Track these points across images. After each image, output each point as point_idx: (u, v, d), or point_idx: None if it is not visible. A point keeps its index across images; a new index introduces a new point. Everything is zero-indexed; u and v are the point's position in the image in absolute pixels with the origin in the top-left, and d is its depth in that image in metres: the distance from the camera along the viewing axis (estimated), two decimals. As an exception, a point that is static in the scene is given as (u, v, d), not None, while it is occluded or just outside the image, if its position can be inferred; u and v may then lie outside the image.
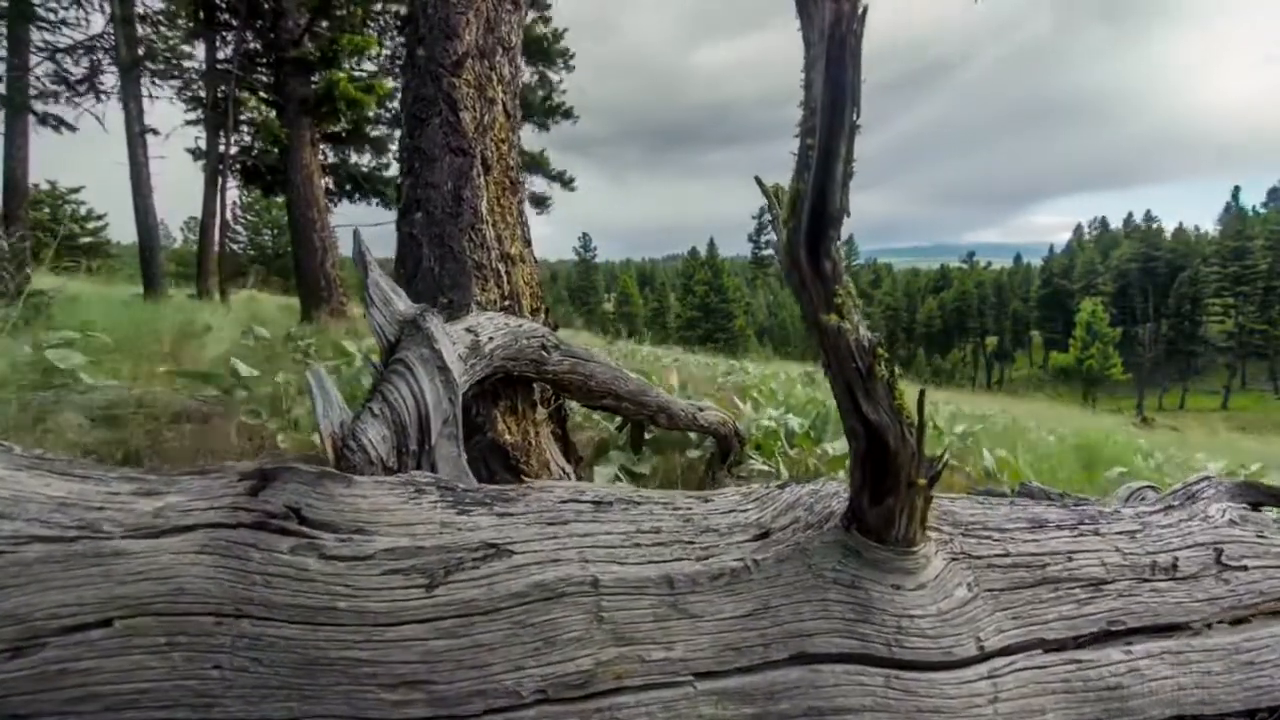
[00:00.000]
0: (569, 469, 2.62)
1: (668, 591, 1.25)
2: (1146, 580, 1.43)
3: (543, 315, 2.87)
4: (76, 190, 36.32)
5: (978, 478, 5.08)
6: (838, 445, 4.62)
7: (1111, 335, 64.61)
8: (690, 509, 1.52)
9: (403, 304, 1.74)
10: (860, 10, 0.81)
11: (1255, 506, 2.16)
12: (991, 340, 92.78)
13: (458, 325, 1.91)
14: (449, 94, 2.58)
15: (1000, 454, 5.17)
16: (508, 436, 2.31)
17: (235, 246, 45.31)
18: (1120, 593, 1.40)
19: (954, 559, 1.37)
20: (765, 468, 3.95)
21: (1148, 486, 2.38)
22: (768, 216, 1.10)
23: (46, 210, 35.55)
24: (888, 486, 1.19)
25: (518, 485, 1.55)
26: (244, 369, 4.29)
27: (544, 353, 2.23)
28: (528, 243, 2.79)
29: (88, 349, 5.27)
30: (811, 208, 0.99)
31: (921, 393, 1.15)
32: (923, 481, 1.18)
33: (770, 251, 79.95)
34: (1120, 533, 1.52)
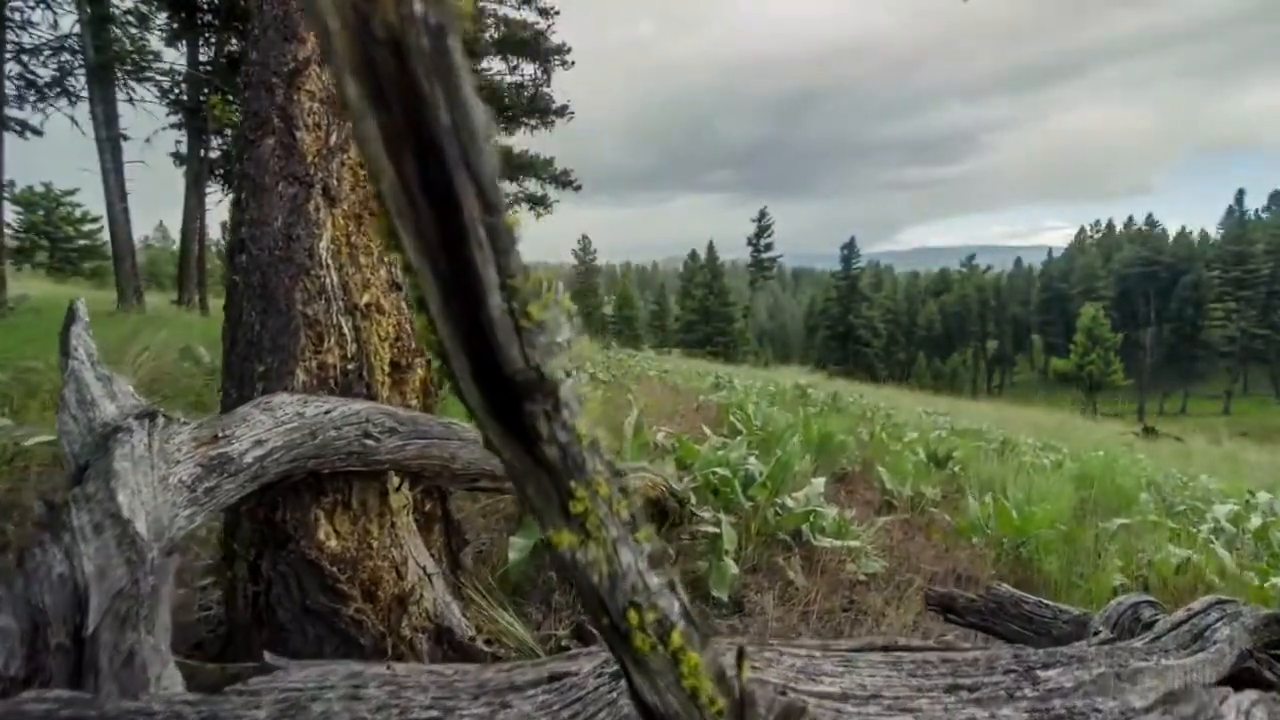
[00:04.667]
0: (436, 570, 2.13)
1: None
2: None
3: (419, 370, 2.39)
4: (71, 193, 35.91)
5: (960, 529, 4.60)
6: (799, 495, 4.14)
7: (1113, 340, 63.86)
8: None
9: (112, 407, 1.27)
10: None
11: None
12: (992, 344, 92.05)
13: (208, 429, 1.43)
14: (284, 109, 2.10)
15: (986, 501, 4.68)
16: (331, 544, 1.82)
17: (231, 250, 44.87)
18: None
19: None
20: (712, 529, 3.47)
21: (1145, 602, 1.89)
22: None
23: (42, 212, 35.18)
24: (697, 794, 0.71)
25: (230, 688, 1.07)
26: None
27: (369, 441, 1.74)
28: (395, 286, 2.31)
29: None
30: (472, 370, 0.51)
31: (740, 650, 0.67)
32: (753, 793, 0.70)
33: (770, 254, 78.66)
34: (1098, 767, 1.04)
